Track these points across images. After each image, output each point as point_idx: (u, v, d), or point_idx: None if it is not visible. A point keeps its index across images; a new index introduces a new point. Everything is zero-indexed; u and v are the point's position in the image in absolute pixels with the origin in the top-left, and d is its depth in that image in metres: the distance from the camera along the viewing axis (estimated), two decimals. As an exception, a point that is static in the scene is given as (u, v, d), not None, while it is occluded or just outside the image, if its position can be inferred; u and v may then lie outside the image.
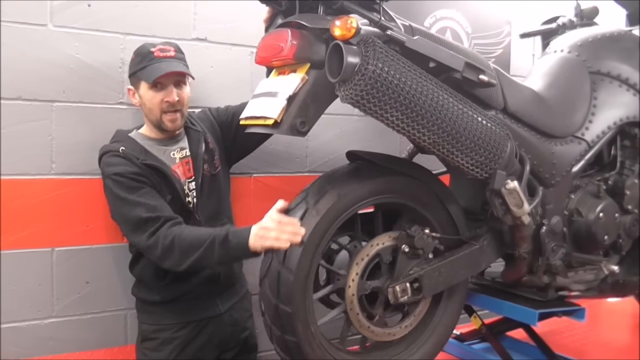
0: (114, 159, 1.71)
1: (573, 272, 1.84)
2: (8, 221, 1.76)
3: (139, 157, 1.72)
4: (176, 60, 1.76)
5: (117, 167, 1.69)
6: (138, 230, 1.66)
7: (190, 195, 1.82)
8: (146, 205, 1.66)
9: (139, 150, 1.76)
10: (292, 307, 1.42)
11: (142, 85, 1.74)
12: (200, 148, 1.85)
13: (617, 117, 1.89)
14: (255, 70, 2.02)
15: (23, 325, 1.81)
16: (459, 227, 1.68)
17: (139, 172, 1.70)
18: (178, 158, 1.83)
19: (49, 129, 1.81)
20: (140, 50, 1.76)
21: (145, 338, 1.85)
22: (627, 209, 1.90)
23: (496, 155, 1.50)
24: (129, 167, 1.69)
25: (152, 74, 1.71)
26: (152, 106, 1.75)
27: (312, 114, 1.39)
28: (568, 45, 1.96)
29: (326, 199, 1.45)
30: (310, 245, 1.43)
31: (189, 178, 1.83)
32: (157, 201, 1.69)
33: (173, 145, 1.84)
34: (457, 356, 2.06)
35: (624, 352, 2.25)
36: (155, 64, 1.72)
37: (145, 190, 1.69)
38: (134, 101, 1.81)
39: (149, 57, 1.73)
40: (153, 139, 1.82)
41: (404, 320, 1.66)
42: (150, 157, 1.76)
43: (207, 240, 1.55)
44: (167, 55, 1.75)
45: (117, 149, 1.72)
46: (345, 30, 1.27)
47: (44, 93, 1.80)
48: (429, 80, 1.38)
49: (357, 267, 1.53)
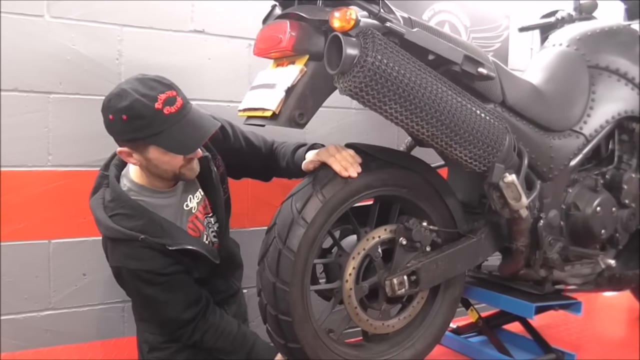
0: (135, 252, 1.48)
1: (570, 265, 1.85)
2: (4, 213, 1.75)
3: (164, 243, 1.49)
4: (190, 110, 1.48)
5: (141, 263, 1.49)
6: (167, 327, 1.60)
7: (209, 235, 1.69)
8: (177, 305, 1.54)
9: (160, 229, 1.50)
10: (290, 287, 1.42)
11: (152, 150, 1.46)
12: (214, 177, 1.64)
13: (615, 111, 1.90)
14: (254, 63, 2.03)
15: (20, 318, 1.80)
16: (457, 220, 1.68)
17: (169, 262, 1.51)
18: (195, 206, 1.64)
19: (45, 121, 1.80)
20: (138, 110, 1.40)
21: (154, 348, 1.70)
22: (624, 203, 1.90)
23: (494, 149, 1.50)
24: (157, 263, 1.49)
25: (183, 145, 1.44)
26: (170, 168, 1.51)
27: (310, 105, 1.38)
28: (567, 39, 1.96)
29: (332, 185, 1.45)
30: (313, 227, 1.43)
31: (207, 215, 1.68)
32: (188, 294, 1.57)
33: (185, 192, 1.62)
34: (454, 349, 2.06)
35: (620, 345, 2.26)
36: (174, 127, 1.42)
37: (175, 282, 1.53)
38: (130, 161, 1.52)
39: (159, 120, 1.41)
40: (163, 192, 1.58)
41: (400, 313, 1.66)
42: (175, 235, 1.52)
43: (234, 349, 1.62)
44: (178, 107, 1.44)
45: (136, 237, 1.47)
46: (345, 22, 1.27)
47: (41, 85, 1.79)
48: (428, 72, 1.37)
49: (353, 261, 1.53)
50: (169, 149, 1.45)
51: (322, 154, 1.51)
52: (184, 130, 1.44)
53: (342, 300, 1.54)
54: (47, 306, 1.84)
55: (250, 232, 2.10)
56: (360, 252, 1.54)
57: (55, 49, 1.79)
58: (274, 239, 1.45)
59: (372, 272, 1.58)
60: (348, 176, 1.45)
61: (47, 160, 1.81)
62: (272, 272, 1.44)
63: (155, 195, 1.57)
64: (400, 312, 1.67)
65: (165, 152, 1.46)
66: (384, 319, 1.62)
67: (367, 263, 1.57)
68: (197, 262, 1.59)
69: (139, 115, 1.40)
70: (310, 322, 1.49)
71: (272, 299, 1.46)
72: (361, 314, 1.57)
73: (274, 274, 1.44)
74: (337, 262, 1.57)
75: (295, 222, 1.43)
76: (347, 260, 1.53)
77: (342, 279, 1.53)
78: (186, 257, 1.55)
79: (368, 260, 1.56)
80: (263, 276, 1.48)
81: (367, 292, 1.56)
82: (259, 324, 1.61)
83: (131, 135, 1.44)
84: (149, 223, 1.50)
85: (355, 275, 1.53)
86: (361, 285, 1.55)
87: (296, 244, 1.42)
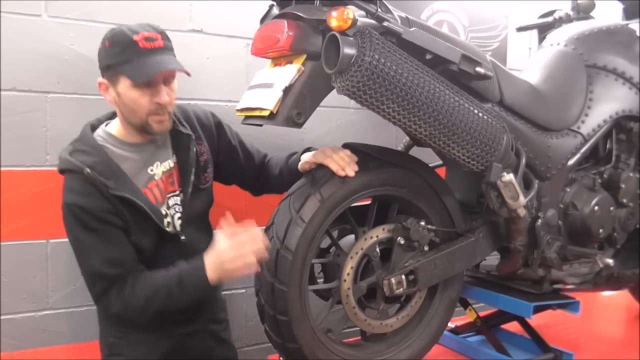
0: (77, 184, 1.46)
1: (568, 265, 1.85)
2: (2, 213, 1.75)
3: (108, 184, 1.46)
4: (167, 53, 1.49)
5: (79, 197, 1.45)
6: (90, 280, 1.51)
7: (170, 215, 1.60)
8: (105, 257, 1.47)
9: (110, 172, 1.49)
10: (288, 286, 1.42)
11: (122, 81, 1.47)
12: (191, 157, 1.61)
13: (612, 110, 1.90)
14: (252, 62, 2.03)
15: (17, 318, 1.80)
16: (455, 220, 1.68)
17: (105, 207, 1.46)
18: (160, 173, 1.59)
19: (43, 120, 1.80)
20: (118, 38, 1.46)
21: (114, 353, 1.63)
22: (622, 203, 1.90)
23: (492, 148, 1.50)
24: (94, 201, 1.45)
25: (142, 72, 1.44)
26: (137, 108, 1.49)
27: (308, 105, 1.39)
28: (564, 39, 1.96)
29: (330, 185, 1.45)
30: (311, 227, 1.43)
31: (171, 192, 1.61)
32: (119, 250, 1.49)
33: (155, 153, 1.60)
34: (452, 349, 2.06)
35: (618, 345, 2.26)
36: (143, 58, 1.44)
37: (108, 233, 1.47)
38: (107, 97, 1.54)
39: (133, 49, 1.44)
40: (130, 144, 1.56)
41: (398, 313, 1.66)
42: (123, 182, 1.49)
43: (160, 290, 1.46)
44: (155, 45, 1.46)
45: (82, 169, 1.45)
46: (342, 22, 1.27)
47: (39, 84, 1.79)
48: (426, 72, 1.37)
49: (351, 260, 1.53)
50: (129, 76, 1.45)
51: (318, 156, 1.51)
52: (149, 62, 1.44)
53: (341, 300, 1.54)
54: (45, 306, 1.84)
55: (249, 232, 2.09)
56: (358, 252, 1.54)
57: (53, 49, 1.79)
58: (272, 238, 1.45)
59: (370, 271, 1.58)
60: (345, 175, 1.45)
61: (45, 159, 1.81)
62: (270, 272, 1.44)
63: (120, 145, 1.56)
64: (398, 312, 1.66)
65: (132, 87, 1.46)
66: (382, 318, 1.62)
67: (365, 263, 1.57)
68: (141, 227, 1.52)
69: (117, 42, 1.45)
70: (309, 321, 1.49)
71: (270, 299, 1.46)
72: (359, 313, 1.57)
73: (272, 273, 1.44)
74: (335, 262, 1.57)
75: (294, 221, 1.43)
76: (345, 260, 1.53)
77: (340, 279, 1.53)
78: (128, 213, 1.49)
79: (366, 260, 1.57)
80: (261, 276, 1.48)
81: (365, 291, 1.56)
82: (257, 324, 1.61)
83: (106, 62, 1.48)
84: (101, 163, 1.49)
85: (353, 275, 1.53)
86: (359, 285, 1.55)
87: (294, 244, 1.42)
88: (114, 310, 1.51)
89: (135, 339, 1.61)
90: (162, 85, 1.50)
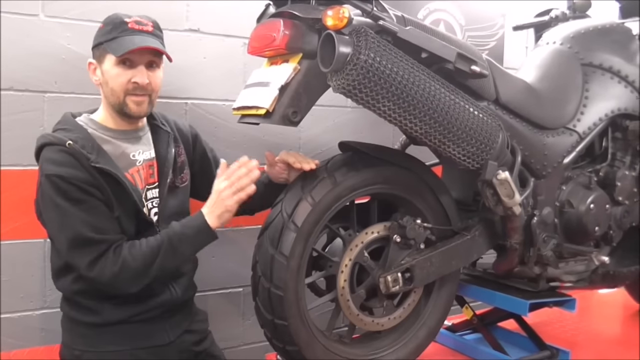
0: (58, 156, 1.43)
1: (564, 263, 1.86)
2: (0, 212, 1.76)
3: (89, 157, 1.44)
4: (153, 37, 1.53)
5: (60, 167, 1.42)
6: (77, 251, 1.44)
7: (149, 204, 1.59)
8: (91, 225, 1.43)
9: (91, 147, 1.47)
10: (284, 291, 1.43)
11: (107, 59, 1.50)
12: (169, 152, 1.62)
13: (608, 109, 1.90)
14: (248, 61, 2.03)
15: (15, 317, 1.80)
16: (451, 218, 1.68)
17: (87, 179, 1.43)
18: (141, 160, 1.59)
19: (41, 120, 1.80)
20: (111, 18, 1.52)
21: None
22: (617, 201, 1.91)
23: (488, 146, 1.50)
24: (76, 171, 1.42)
25: (122, 46, 1.46)
26: (116, 86, 1.50)
27: (304, 104, 1.39)
28: (560, 38, 1.96)
29: (321, 187, 1.46)
30: (304, 230, 1.44)
31: (150, 184, 1.60)
32: (104, 221, 1.46)
33: (135, 143, 1.60)
34: (449, 347, 2.07)
35: (615, 342, 2.27)
36: (127, 36, 1.48)
37: (91, 204, 1.44)
38: (93, 79, 1.56)
39: (122, 28, 1.49)
40: (110, 129, 1.57)
41: (395, 310, 1.67)
42: (104, 157, 1.48)
43: (161, 246, 1.45)
44: (144, 29, 1.51)
45: (64, 141, 1.43)
46: (338, 20, 1.27)
47: (36, 84, 1.79)
48: (421, 70, 1.38)
49: (350, 252, 1.54)
50: (112, 50, 1.48)
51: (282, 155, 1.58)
52: (133, 39, 1.49)
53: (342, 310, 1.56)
54: (43, 305, 1.84)
55: (246, 231, 2.10)
56: (348, 264, 1.55)
57: (51, 48, 1.80)
58: (266, 244, 1.46)
59: (367, 272, 1.58)
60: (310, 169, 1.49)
61: (43, 159, 1.81)
62: (265, 277, 1.45)
63: (101, 130, 1.56)
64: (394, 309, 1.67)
65: (115, 64, 1.50)
66: (390, 313, 1.63)
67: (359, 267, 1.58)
68: (122, 207, 1.49)
69: (109, 22, 1.53)
70: (307, 324, 1.50)
71: (267, 304, 1.47)
72: (365, 318, 1.59)
73: (267, 279, 1.45)
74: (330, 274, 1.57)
75: (286, 226, 1.44)
76: (337, 272, 1.54)
77: (337, 292, 1.54)
78: (110, 190, 1.47)
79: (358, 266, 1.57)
80: (258, 281, 1.48)
81: (365, 297, 1.58)
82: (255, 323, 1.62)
83: (97, 40, 1.54)
84: (83, 138, 1.48)
85: (349, 286, 1.55)
86: (358, 293, 1.56)
87: (288, 249, 1.43)
88: (106, 279, 1.44)
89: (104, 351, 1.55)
90: (144, 68, 1.52)
